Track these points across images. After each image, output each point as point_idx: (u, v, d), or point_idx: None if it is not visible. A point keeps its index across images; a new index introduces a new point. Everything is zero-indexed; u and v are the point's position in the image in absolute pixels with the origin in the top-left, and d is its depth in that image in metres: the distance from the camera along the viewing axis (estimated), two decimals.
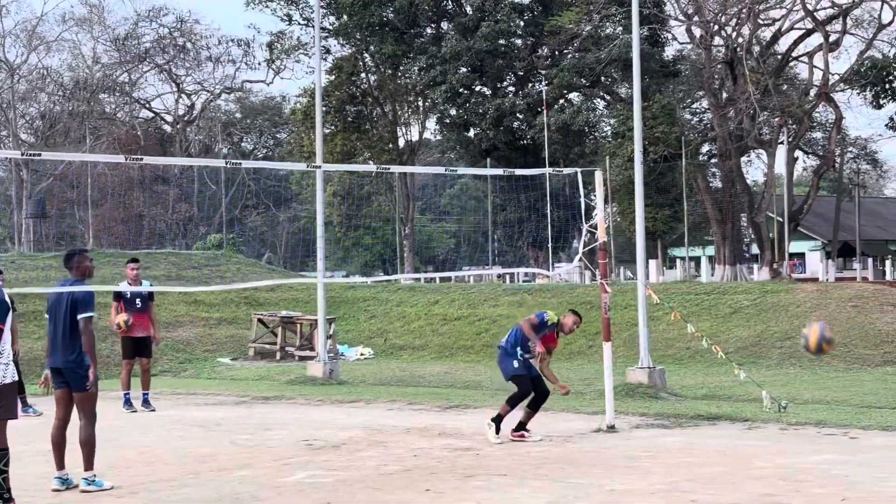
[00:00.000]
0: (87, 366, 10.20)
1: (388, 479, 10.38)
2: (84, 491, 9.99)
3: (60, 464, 10.18)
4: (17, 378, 9.07)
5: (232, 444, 13.13)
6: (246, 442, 13.26)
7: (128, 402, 16.97)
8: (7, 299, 9.14)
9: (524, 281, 41.92)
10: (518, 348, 12.89)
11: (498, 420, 12.72)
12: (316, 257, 21.96)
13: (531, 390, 12.83)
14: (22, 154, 10.05)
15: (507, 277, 44.37)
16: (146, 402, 17.05)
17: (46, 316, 10.53)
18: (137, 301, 16.89)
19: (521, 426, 12.93)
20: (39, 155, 10.26)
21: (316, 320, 23.76)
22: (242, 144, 69.98)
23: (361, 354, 26.47)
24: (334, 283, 30.80)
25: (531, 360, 13.00)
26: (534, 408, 12.93)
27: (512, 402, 12.73)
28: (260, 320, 26.95)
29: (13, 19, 58.11)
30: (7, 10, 57.32)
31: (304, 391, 19.52)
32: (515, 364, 12.86)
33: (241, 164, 11.51)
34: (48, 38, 58.31)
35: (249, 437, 13.71)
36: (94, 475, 10.15)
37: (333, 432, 13.90)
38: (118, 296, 16.87)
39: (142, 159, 10.24)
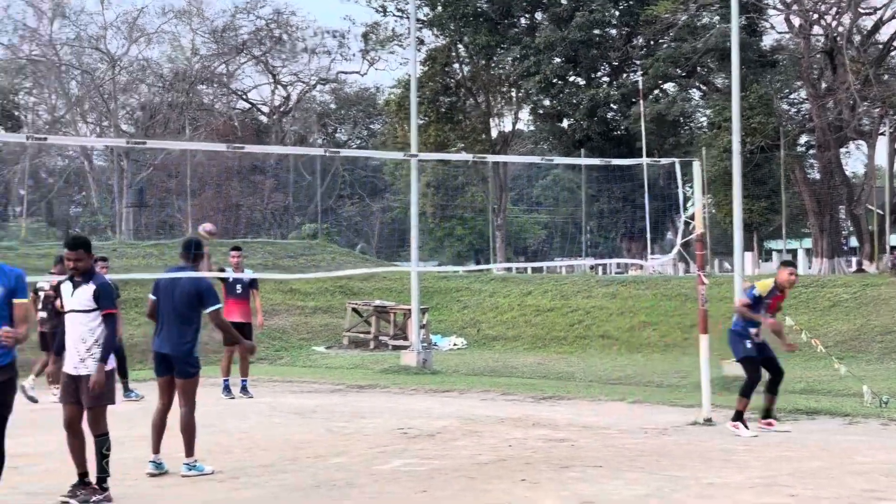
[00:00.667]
0: (197, 356, 10.37)
1: (484, 469, 10.40)
2: (185, 476, 10.17)
3: (156, 448, 10.36)
4: (114, 365, 9.26)
5: (328, 431, 13.26)
6: (341, 429, 13.38)
7: (227, 389, 17.24)
8: (111, 288, 9.34)
9: (616, 272, 41.68)
10: (749, 328, 12.72)
11: (738, 416, 12.51)
12: (408, 247, 22.00)
13: (759, 376, 12.67)
14: (127, 142, 10.27)
15: (600, 269, 44.15)
16: (244, 389, 17.31)
17: (152, 297, 10.58)
18: (238, 287, 17.18)
19: (767, 413, 12.83)
20: (145, 143, 10.45)
21: (409, 310, 23.88)
22: (337, 135, 70.49)
23: (454, 344, 26.54)
24: (427, 273, 30.90)
25: (763, 339, 12.76)
26: (772, 391, 12.82)
27: (746, 393, 12.55)
28: (354, 309, 27.16)
29: (114, 11, 59.41)
30: (109, 2, 58.33)
31: (398, 380, 19.65)
32: (748, 345, 12.71)
33: (339, 153, 11.62)
34: (148, 31, 59.30)
35: (345, 424, 13.84)
36: (196, 460, 10.33)
37: (428, 421, 13.97)
38: (223, 280, 17.20)
39: (243, 148, 10.39)
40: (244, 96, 65.57)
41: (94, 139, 56.34)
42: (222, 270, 17.46)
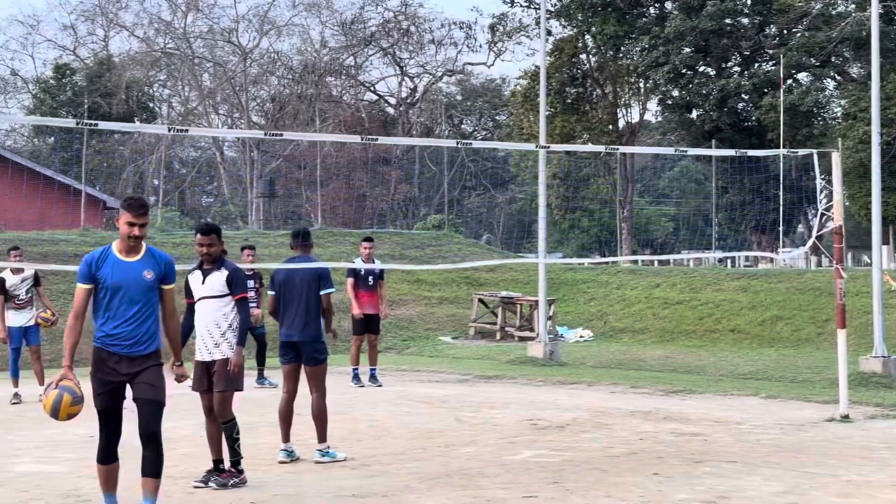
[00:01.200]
0: (324, 342, 10.51)
1: (615, 462, 10.31)
2: (318, 462, 10.29)
3: (286, 436, 10.51)
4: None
5: (457, 420, 13.29)
6: (470, 419, 13.40)
7: (356, 378, 17.41)
8: (243, 274, 9.51)
9: (745, 265, 40.98)
10: None
11: None
12: (532, 239, 21.92)
13: None
14: (265, 134, 10.42)
15: (729, 262, 43.48)
16: (373, 378, 17.45)
17: (271, 292, 10.81)
18: (370, 278, 17.30)
19: None
20: (281, 135, 10.61)
21: (536, 301, 23.82)
22: (462, 126, 70.67)
23: (580, 336, 26.40)
24: (553, 265, 30.78)
25: None
26: None
27: None
28: (480, 300, 27.19)
29: (246, 5, 60.24)
30: None
31: (525, 371, 19.62)
32: None
33: (470, 144, 11.64)
34: (279, 23, 60.15)
35: (474, 414, 13.86)
36: (329, 447, 10.45)
37: (557, 413, 13.91)
38: (352, 272, 17.33)
39: (377, 139, 10.47)
40: (371, 88, 66.14)
41: (232, 130, 57.38)
42: (353, 262, 17.65)
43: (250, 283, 16.76)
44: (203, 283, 9.30)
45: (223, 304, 9.23)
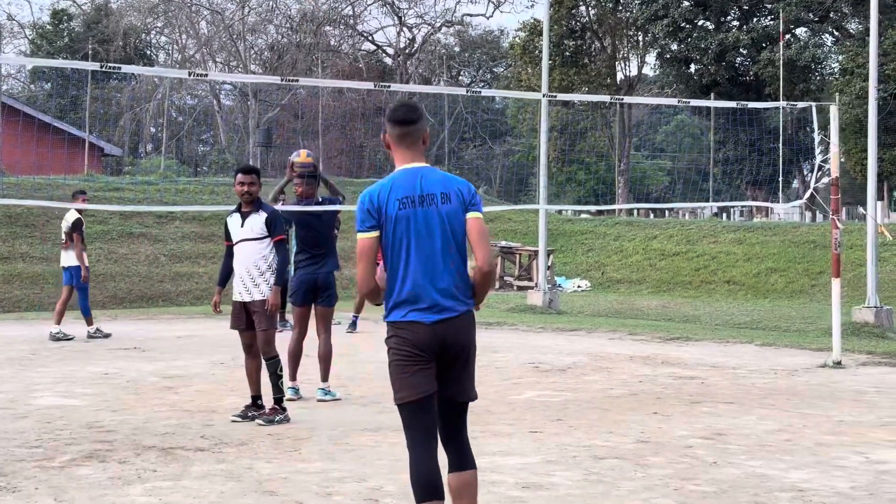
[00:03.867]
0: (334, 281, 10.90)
1: (616, 402, 10.68)
2: (321, 400, 10.64)
3: (294, 375, 10.87)
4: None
5: None
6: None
7: (353, 325, 17.77)
8: (280, 216, 9.79)
9: (740, 218, 41.32)
10: None
11: None
12: (529, 191, 22.21)
13: None
14: (282, 79, 10.68)
15: (724, 214, 43.81)
16: (354, 325, 17.82)
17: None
18: None
19: None
20: (297, 81, 10.86)
21: (535, 251, 24.15)
22: (460, 78, 70.65)
23: (578, 286, 26.76)
24: (552, 216, 31.08)
25: None
26: None
27: None
28: None
29: None
30: None
31: (525, 318, 19.97)
32: None
33: (480, 92, 11.91)
34: None
35: (477, 357, 14.19)
36: (329, 386, 10.81)
37: (558, 357, 14.29)
38: None
39: (389, 86, 10.74)
40: (370, 38, 66.06)
41: (249, 76, 57.18)
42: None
43: None
44: (242, 225, 9.50)
45: (262, 246, 9.45)
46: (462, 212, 5.33)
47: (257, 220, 9.45)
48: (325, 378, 10.81)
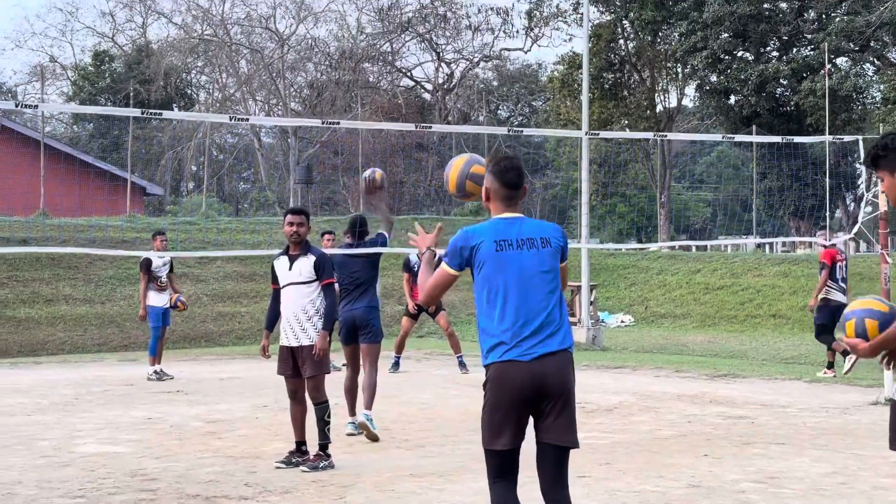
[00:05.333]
0: (379, 320, 10.89)
1: (665, 444, 10.49)
2: (361, 424, 10.63)
3: (352, 411, 10.86)
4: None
5: None
6: None
7: (396, 365, 17.55)
8: (329, 259, 9.70)
9: (783, 250, 40.95)
10: None
11: None
12: (570, 224, 22.10)
13: None
14: (323, 122, 10.67)
15: (767, 247, 43.43)
16: (462, 364, 17.39)
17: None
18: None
19: None
20: (338, 123, 10.85)
21: (577, 286, 23.98)
22: (499, 112, 70.71)
23: (622, 321, 26.54)
24: (594, 251, 30.89)
25: None
26: None
27: None
28: None
29: None
30: None
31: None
32: None
33: (522, 132, 11.79)
34: (316, 10, 60.35)
35: None
36: (372, 416, 10.74)
37: (604, 396, 14.11)
38: (407, 267, 17.40)
39: (430, 127, 10.67)
40: (408, 74, 66.28)
41: (298, 119, 57.50)
42: (409, 259, 17.55)
43: None
44: (290, 268, 9.38)
45: (311, 290, 9.33)
46: (559, 256, 5.49)
47: (306, 264, 9.34)
48: (368, 406, 10.75)
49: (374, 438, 10.58)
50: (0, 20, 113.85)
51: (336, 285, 10.24)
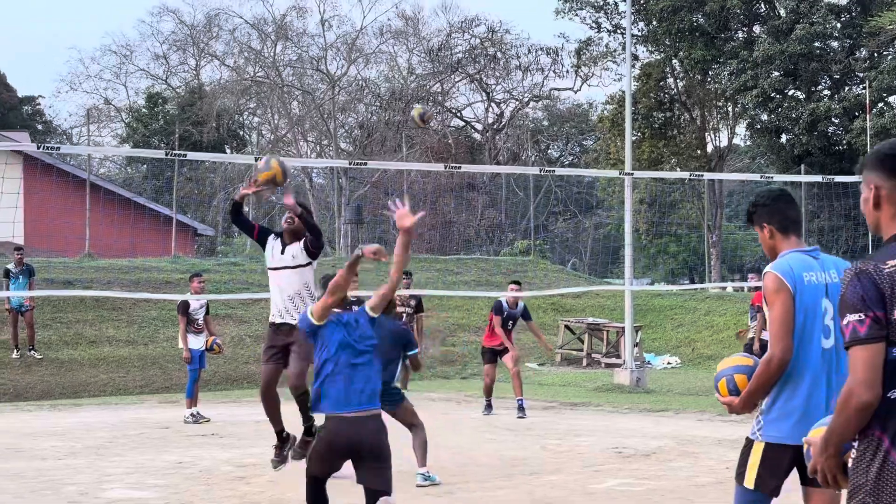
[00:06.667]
0: (396, 386, 10.65)
1: (701, 491, 10.23)
2: (419, 485, 10.45)
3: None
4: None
5: (542, 448, 13.28)
6: (556, 447, 13.38)
7: (488, 406, 17.24)
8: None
9: None
10: None
11: None
12: (620, 264, 21.88)
13: None
14: (350, 163, 10.59)
15: None
16: (520, 408, 16.94)
17: None
18: (510, 323, 17.05)
19: None
20: (365, 163, 10.76)
21: (622, 328, 23.72)
22: (549, 151, 70.64)
23: (668, 363, 26.19)
24: (640, 291, 30.58)
25: None
26: None
27: None
28: (566, 326, 27.13)
29: (335, 33, 60.61)
30: (329, 24, 59.97)
31: (611, 398, 19.52)
32: None
33: (553, 171, 11.66)
34: (366, 51, 60.71)
35: (559, 442, 13.83)
36: (428, 470, 10.60)
37: (642, 441, 13.83)
38: (497, 309, 17.05)
39: (459, 167, 10.56)
40: (458, 114, 66.42)
41: (318, 161, 57.98)
42: (499, 303, 17.17)
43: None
44: (282, 252, 9.60)
45: (306, 272, 9.43)
46: None
47: (297, 248, 9.37)
48: (421, 463, 10.61)
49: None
50: (56, 63, 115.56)
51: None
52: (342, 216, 51.62)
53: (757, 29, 46.49)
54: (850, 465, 3.86)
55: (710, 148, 50.28)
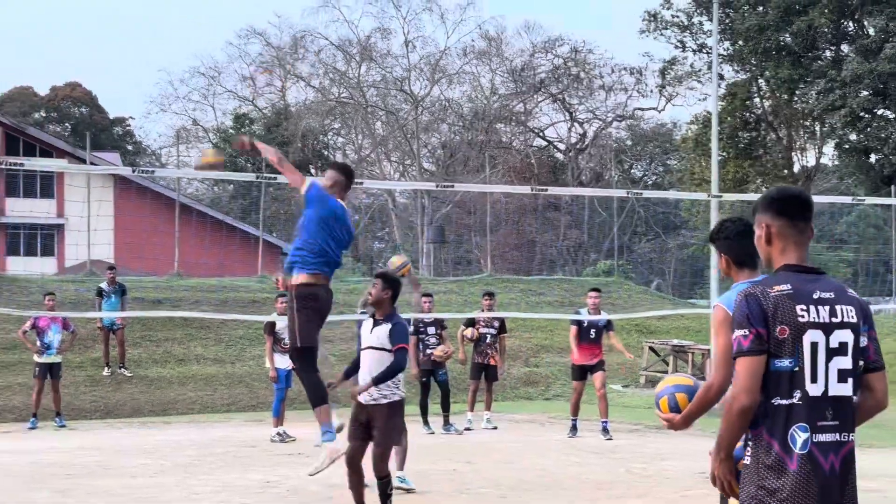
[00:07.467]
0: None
1: None
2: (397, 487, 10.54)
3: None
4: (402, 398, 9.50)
5: (627, 472, 13.20)
6: (642, 470, 13.29)
7: (574, 428, 17.21)
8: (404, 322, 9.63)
9: None
10: None
11: None
12: (704, 285, 21.66)
13: None
14: (437, 185, 10.62)
15: None
16: (605, 430, 16.96)
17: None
18: (592, 332, 17.08)
19: None
20: (453, 186, 10.79)
21: (708, 350, 23.48)
22: (632, 171, 70.29)
23: None
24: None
25: None
26: None
27: None
28: (651, 348, 26.93)
29: (419, 54, 61.10)
30: (413, 45, 60.39)
31: (698, 421, 19.27)
32: None
33: (641, 194, 11.61)
34: (450, 71, 61.00)
35: (645, 465, 13.73)
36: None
37: None
38: (576, 321, 17.09)
39: (546, 189, 10.57)
40: (541, 134, 66.40)
41: (403, 183, 58.41)
42: (577, 313, 17.25)
43: (432, 330, 17.18)
44: (371, 332, 9.45)
45: (385, 356, 9.30)
46: None
47: (384, 330, 9.35)
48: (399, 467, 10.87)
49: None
50: (146, 85, 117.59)
51: (409, 350, 10.11)
52: (425, 235, 51.85)
53: (845, 48, 45.86)
54: (741, 471, 4.46)
55: (796, 168, 49.67)
